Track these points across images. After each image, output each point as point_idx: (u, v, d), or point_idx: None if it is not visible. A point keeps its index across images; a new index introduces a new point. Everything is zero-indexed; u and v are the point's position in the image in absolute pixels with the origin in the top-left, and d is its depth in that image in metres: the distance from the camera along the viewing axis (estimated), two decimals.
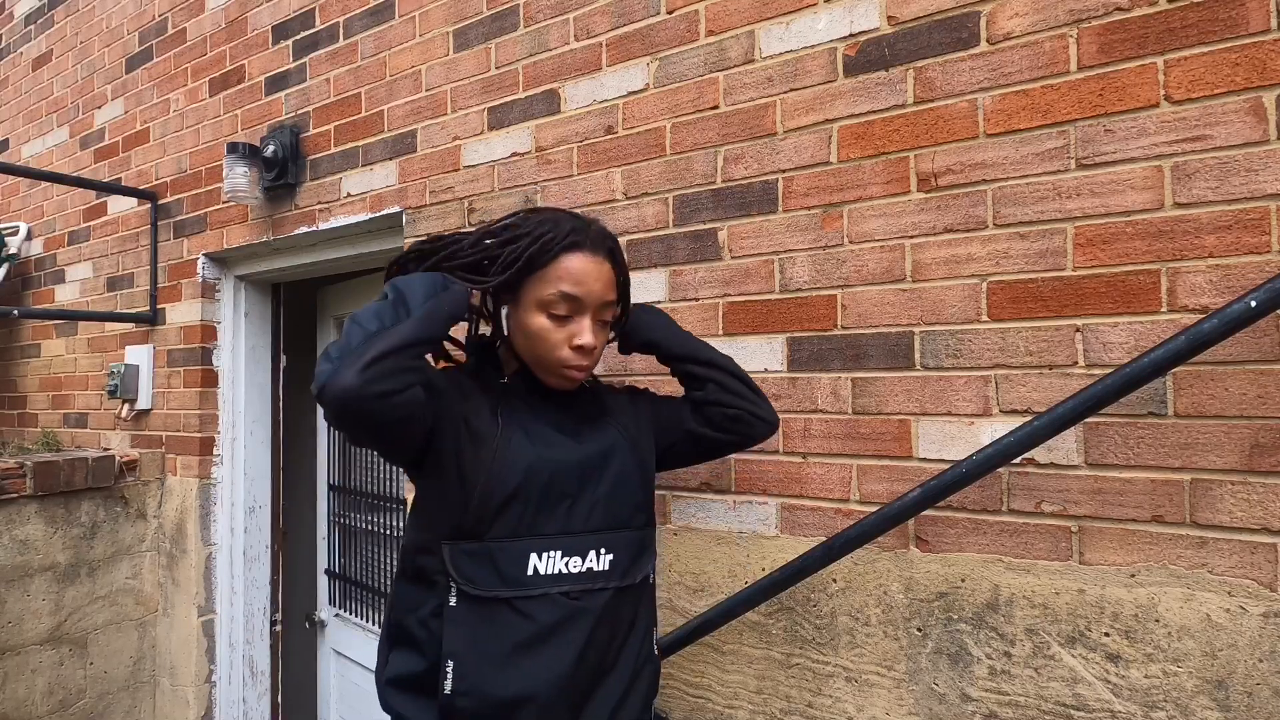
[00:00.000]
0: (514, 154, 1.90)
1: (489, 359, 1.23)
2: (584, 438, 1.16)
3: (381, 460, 2.68)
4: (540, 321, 1.11)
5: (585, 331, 1.11)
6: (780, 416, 1.48)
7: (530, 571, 1.07)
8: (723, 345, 1.55)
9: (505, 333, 1.23)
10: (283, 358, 2.94)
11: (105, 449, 2.98)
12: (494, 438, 1.10)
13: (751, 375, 1.51)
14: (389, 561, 2.63)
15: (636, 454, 1.20)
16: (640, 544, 1.17)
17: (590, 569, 1.10)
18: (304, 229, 2.40)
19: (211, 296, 2.79)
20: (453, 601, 1.07)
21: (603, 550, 1.11)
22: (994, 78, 1.29)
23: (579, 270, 1.10)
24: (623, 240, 1.70)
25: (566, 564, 1.09)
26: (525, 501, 1.08)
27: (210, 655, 2.75)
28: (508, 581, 1.06)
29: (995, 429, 1.26)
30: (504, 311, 1.23)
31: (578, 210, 1.76)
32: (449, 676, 1.04)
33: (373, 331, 0.99)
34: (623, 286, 1.19)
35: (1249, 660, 1.07)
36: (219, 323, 2.80)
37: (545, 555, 1.08)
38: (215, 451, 2.76)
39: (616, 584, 1.12)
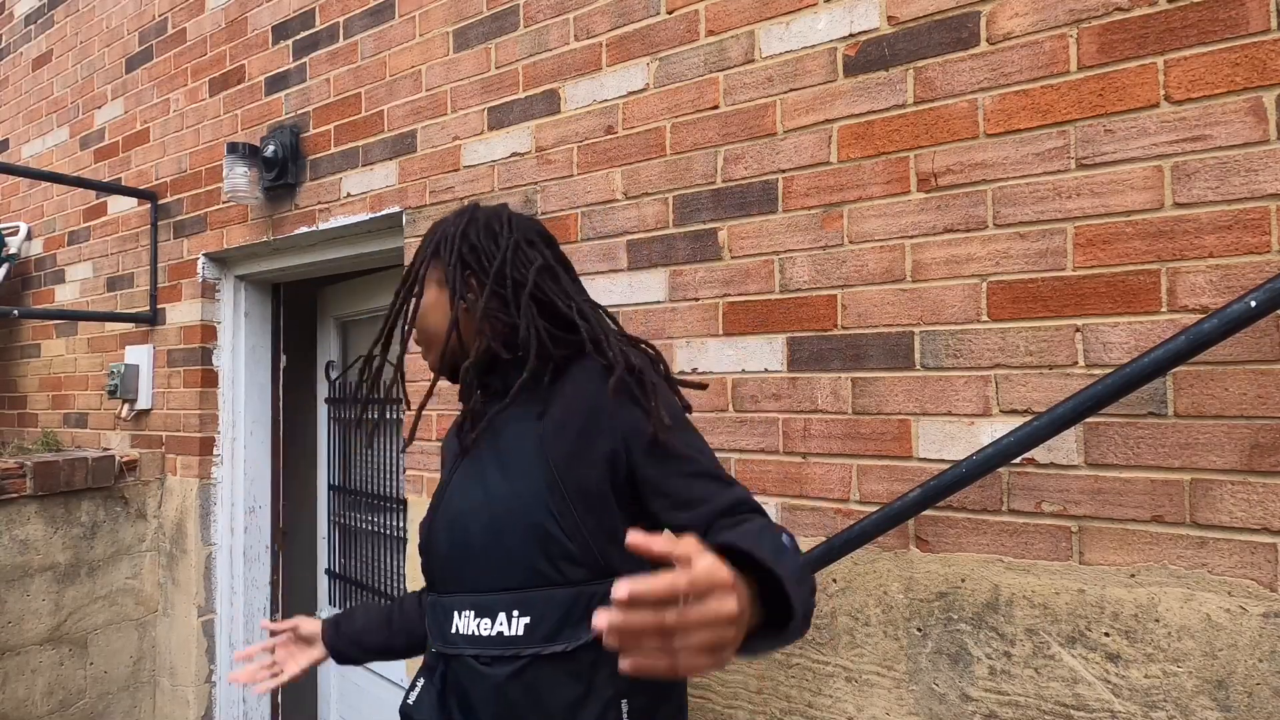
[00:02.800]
0: (514, 154, 1.90)
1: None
2: (510, 471, 1.04)
3: (381, 460, 2.68)
4: None
5: None
6: (781, 416, 1.48)
7: (453, 629, 1.03)
8: (723, 345, 1.55)
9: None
10: (283, 358, 2.94)
11: (105, 449, 2.98)
12: (439, 486, 1.13)
13: (751, 375, 1.51)
14: (389, 561, 2.63)
15: (568, 491, 1.00)
16: (570, 604, 0.98)
17: (500, 633, 0.99)
18: (304, 229, 2.40)
19: (211, 296, 2.79)
20: (433, 648, 1.10)
21: (515, 612, 0.99)
22: (994, 78, 1.29)
23: None
24: (623, 240, 1.70)
25: (478, 625, 1.01)
26: (448, 554, 1.06)
27: (210, 655, 2.75)
28: (439, 637, 1.06)
29: (995, 429, 1.26)
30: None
31: (577, 210, 1.77)
32: (417, 687, 1.10)
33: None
34: (435, 252, 1.11)
35: (1249, 660, 1.07)
36: (219, 323, 2.80)
37: (463, 614, 1.03)
38: (215, 451, 2.76)
39: (536, 650, 0.97)
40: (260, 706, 2.83)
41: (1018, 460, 1.21)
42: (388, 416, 2.62)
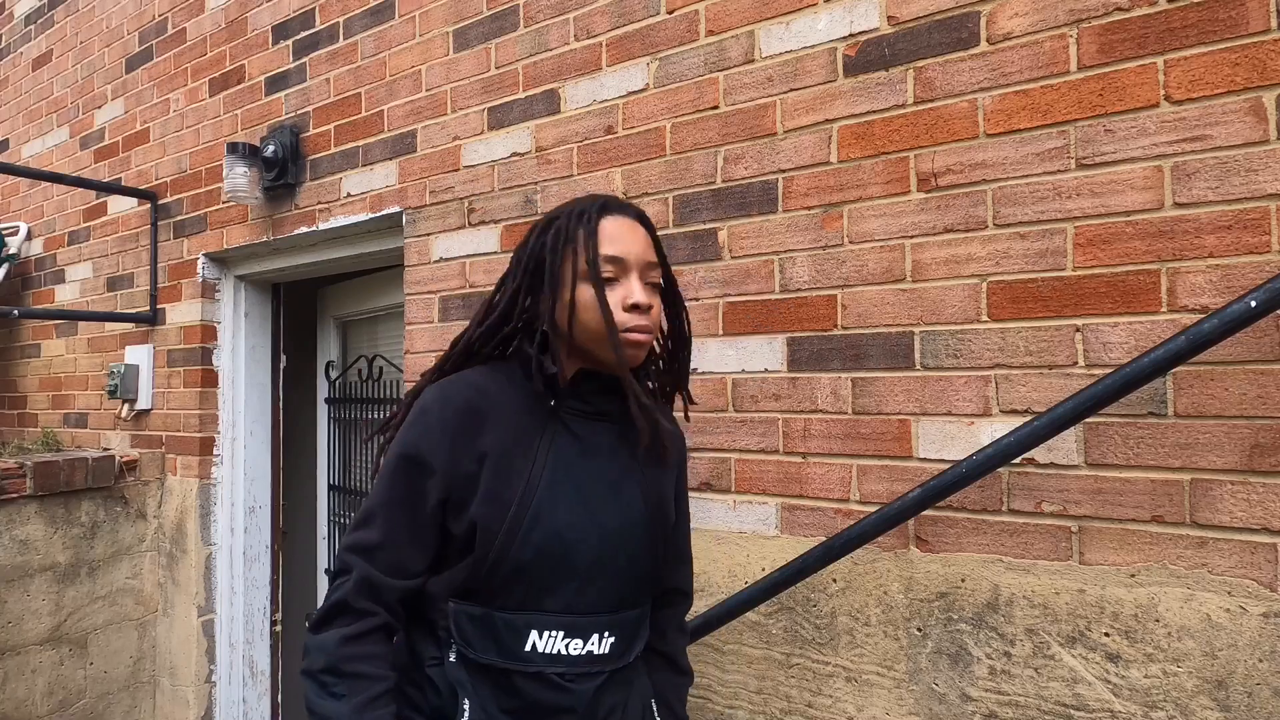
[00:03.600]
0: (514, 154, 1.90)
1: (541, 367, 1.06)
2: (622, 495, 1.07)
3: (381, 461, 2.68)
4: (589, 292, 1.01)
5: (636, 290, 1.02)
6: (781, 416, 1.48)
7: (528, 648, 1.01)
8: (723, 345, 1.55)
9: (553, 327, 1.06)
10: (283, 358, 2.94)
11: (105, 449, 2.98)
12: (519, 491, 1.01)
13: (751, 375, 1.51)
14: None
15: (660, 527, 1.11)
16: (639, 622, 1.10)
17: (590, 652, 1.03)
18: (304, 229, 2.40)
19: (211, 296, 2.79)
20: (452, 658, 1.04)
21: (606, 634, 1.04)
22: (994, 78, 1.29)
23: (615, 231, 1.03)
24: None
25: (566, 645, 1.02)
26: (537, 574, 1.01)
27: (210, 655, 2.75)
28: (504, 653, 1.01)
29: (995, 429, 1.26)
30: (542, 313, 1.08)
31: None
32: (465, 710, 1.01)
33: None
34: (660, 251, 1.09)
35: (1249, 660, 1.07)
36: (219, 323, 2.80)
37: (546, 634, 1.01)
38: (215, 451, 2.76)
39: (616, 666, 1.05)
40: (260, 707, 2.83)
41: (1018, 460, 1.21)
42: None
